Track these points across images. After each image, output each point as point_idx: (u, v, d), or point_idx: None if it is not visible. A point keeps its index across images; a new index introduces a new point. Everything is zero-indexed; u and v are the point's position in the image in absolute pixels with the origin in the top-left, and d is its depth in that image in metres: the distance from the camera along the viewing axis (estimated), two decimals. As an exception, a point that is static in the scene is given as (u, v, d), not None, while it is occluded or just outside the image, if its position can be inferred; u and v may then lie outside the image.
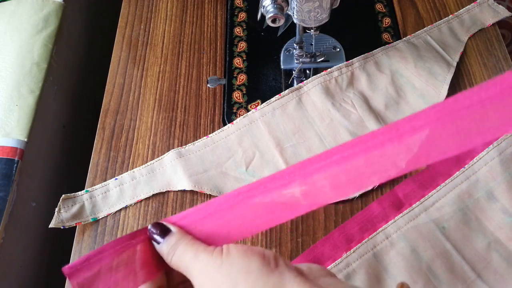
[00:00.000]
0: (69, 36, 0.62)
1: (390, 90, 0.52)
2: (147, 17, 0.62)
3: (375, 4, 0.62)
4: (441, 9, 0.60)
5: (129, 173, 0.49)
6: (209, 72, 0.57)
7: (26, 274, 0.50)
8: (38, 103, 0.53)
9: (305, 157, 0.48)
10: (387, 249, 0.42)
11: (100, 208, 0.47)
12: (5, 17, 0.58)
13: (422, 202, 0.44)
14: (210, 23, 0.61)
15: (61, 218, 0.46)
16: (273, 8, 0.44)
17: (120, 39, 0.60)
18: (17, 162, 0.48)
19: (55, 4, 0.60)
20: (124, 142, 0.52)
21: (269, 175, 0.29)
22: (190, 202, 0.47)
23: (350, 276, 0.41)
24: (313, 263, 0.42)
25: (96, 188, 0.48)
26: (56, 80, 0.57)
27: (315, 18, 0.46)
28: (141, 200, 0.48)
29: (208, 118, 0.53)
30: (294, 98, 0.52)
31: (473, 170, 0.45)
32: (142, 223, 0.46)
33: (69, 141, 0.61)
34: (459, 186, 0.45)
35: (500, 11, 0.59)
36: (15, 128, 0.50)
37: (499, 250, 0.42)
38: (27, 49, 0.55)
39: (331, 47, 0.57)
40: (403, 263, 0.41)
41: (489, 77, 0.54)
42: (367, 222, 0.44)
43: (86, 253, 0.45)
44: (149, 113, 0.53)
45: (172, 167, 0.48)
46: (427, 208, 0.44)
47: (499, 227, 0.42)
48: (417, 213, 0.44)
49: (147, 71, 0.57)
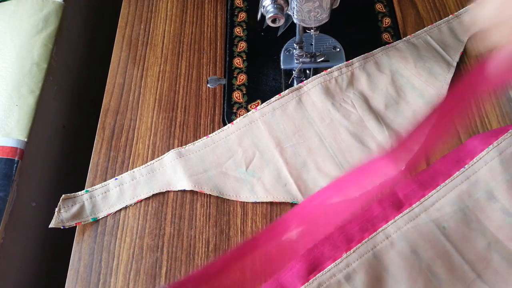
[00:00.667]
0: (69, 36, 0.62)
1: (390, 90, 0.52)
2: (147, 17, 0.62)
3: (375, 4, 0.62)
4: (441, 9, 0.60)
5: (129, 173, 0.49)
6: (209, 72, 0.57)
7: (26, 274, 0.50)
8: (38, 103, 0.53)
9: (305, 157, 0.49)
10: (387, 249, 0.42)
11: (100, 208, 0.47)
12: (5, 17, 0.58)
13: (422, 202, 0.44)
14: (210, 23, 0.61)
15: (61, 218, 0.46)
16: (273, 8, 0.45)
17: (120, 39, 0.60)
18: (17, 162, 0.48)
19: (55, 4, 0.60)
20: (124, 142, 0.52)
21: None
22: (190, 202, 0.47)
23: (350, 276, 0.41)
24: (313, 263, 0.42)
25: (96, 188, 0.48)
26: (56, 80, 0.57)
27: (315, 18, 0.46)
28: (141, 200, 0.48)
29: (208, 118, 0.53)
30: (294, 98, 0.52)
31: (473, 170, 0.45)
32: (142, 223, 0.46)
33: (69, 141, 0.61)
34: (459, 186, 0.45)
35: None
36: (15, 128, 0.50)
37: (499, 250, 0.42)
38: (27, 49, 0.55)
39: (331, 47, 0.57)
40: (403, 263, 0.41)
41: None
42: (367, 222, 0.44)
43: (86, 253, 0.45)
44: (149, 113, 0.53)
45: (172, 167, 0.49)
46: (427, 208, 0.44)
47: (499, 227, 0.42)
48: (417, 213, 0.44)
49: (147, 71, 0.57)
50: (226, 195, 0.47)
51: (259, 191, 0.47)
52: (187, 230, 0.46)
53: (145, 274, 0.44)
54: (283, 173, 0.48)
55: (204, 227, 0.46)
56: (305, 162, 0.48)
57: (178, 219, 0.47)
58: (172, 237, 0.46)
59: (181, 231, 0.46)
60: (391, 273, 0.41)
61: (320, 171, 0.48)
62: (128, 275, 0.44)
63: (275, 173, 0.48)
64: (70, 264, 0.45)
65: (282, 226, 0.38)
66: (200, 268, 0.37)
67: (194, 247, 0.45)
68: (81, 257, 0.45)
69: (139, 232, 0.46)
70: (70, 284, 0.44)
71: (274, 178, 0.47)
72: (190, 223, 0.46)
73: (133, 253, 0.45)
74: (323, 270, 0.41)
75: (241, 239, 0.45)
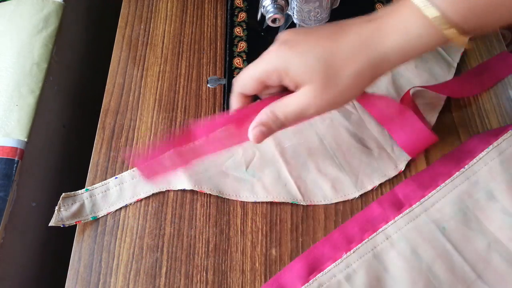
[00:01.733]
0: (69, 36, 0.62)
1: (391, 90, 0.52)
2: (147, 17, 0.62)
3: (375, 4, 0.62)
4: (442, 9, 0.60)
5: (129, 172, 0.49)
6: (209, 72, 0.57)
7: (26, 274, 0.50)
8: (38, 103, 0.53)
9: (305, 157, 0.49)
10: (387, 249, 0.42)
11: (100, 207, 0.47)
12: (5, 17, 0.58)
13: (422, 202, 0.44)
14: (210, 23, 0.61)
15: (61, 217, 0.46)
16: (273, 8, 0.45)
17: (120, 39, 0.60)
18: (17, 162, 0.48)
19: (55, 4, 0.60)
20: (124, 142, 0.52)
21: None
22: (190, 202, 0.47)
23: (350, 276, 0.41)
24: (313, 263, 0.42)
25: (96, 187, 0.48)
26: (56, 80, 0.57)
27: (315, 18, 0.46)
28: (141, 199, 0.48)
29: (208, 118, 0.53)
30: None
31: (473, 170, 0.45)
32: (142, 223, 0.46)
33: (69, 141, 0.61)
34: (459, 186, 0.44)
35: None
36: (15, 128, 0.50)
37: (499, 250, 0.42)
38: (27, 49, 0.55)
39: (331, 47, 0.57)
40: (403, 264, 0.41)
41: (490, 77, 0.54)
42: (367, 223, 0.44)
43: (86, 253, 0.45)
44: (149, 113, 0.53)
45: (172, 167, 0.48)
46: (427, 209, 0.44)
47: (499, 227, 0.42)
48: (417, 213, 0.44)
49: (147, 71, 0.57)
50: (226, 194, 0.47)
51: (259, 191, 0.47)
52: (187, 230, 0.46)
53: (145, 274, 0.44)
54: (283, 173, 0.48)
55: (204, 227, 0.46)
56: (305, 162, 0.48)
57: (178, 219, 0.47)
58: (172, 237, 0.46)
59: (181, 231, 0.46)
60: (391, 273, 0.41)
61: (320, 171, 0.48)
62: (128, 275, 0.44)
63: (275, 173, 0.48)
64: (70, 264, 0.45)
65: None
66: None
67: (194, 247, 0.45)
68: (81, 257, 0.45)
69: (139, 232, 0.46)
70: (70, 284, 0.44)
71: (274, 178, 0.47)
72: (190, 223, 0.46)
73: (133, 253, 0.45)
74: (323, 270, 0.41)
75: (241, 239, 0.45)
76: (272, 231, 0.46)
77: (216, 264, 0.44)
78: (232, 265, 0.44)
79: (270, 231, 0.46)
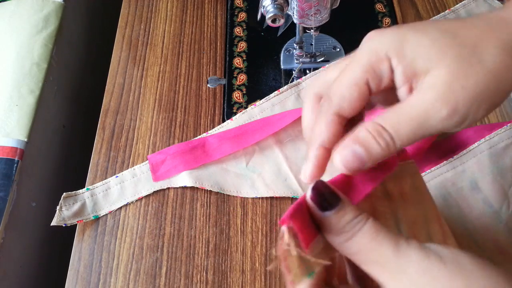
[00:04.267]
0: (69, 36, 0.62)
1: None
2: (147, 17, 0.62)
3: (375, 4, 0.62)
4: (441, 9, 0.60)
5: (129, 170, 0.49)
6: (209, 72, 0.57)
7: (26, 274, 0.50)
8: (38, 103, 0.53)
9: (304, 151, 0.49)
10: None
11: (101, 206, 0.47)
12: (5, 17, 0.58)
13: None
14: (210, 23, 0.61)
15: (63, 216, 0.46)
16: (273, 8, 0.45)
17: (120, 39, 0.60)
18: (17, 162, 0.48)
19: (55, 4, 0.60)
20: (124, 142, 0.52)
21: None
22: (190, 202, 0.47)
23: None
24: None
25: (97, 186, 0.48)
26: (56, 80, 0.57)
27: (315, 18, 0.46)
28: (142, 197, 0.48)
29: (208, 118, 0.53)
30: (292, 94, 0.52)
31: (460, 160, 0.46)
32: (142, 223, 0.46)
33: (69, 141, 0.61)
34: (444, 174, 0.45)
35: (496, 6, 0.58)
36: (15, 128, 0.50)
37: (476, 238, 0.42)
38: (27, 49, 0.55)
39: (331, 47, 0.57)
40: None
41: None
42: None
43: (86, 253, 0.45)
44: (149, 113, 0.53)
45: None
46: None
47: (478, 217, 0.43)
48: None
49: (147, 71, 0.57)
50: (227, 191, 0.47)
51: (260, 186, 0.47)
52: (187, 230, 0.46)
53: (145, 274, 0.44)
54: (283, 168, 0.48)
55: (204, 227, 0.46)
56: (304, 157, 0.48)
57: (178, 219, 0.47)
58: (172, 237, 0.46)
59: (181, 231, 0.46)
60: None
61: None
62: (128, 275, 0.44)
63: (275, 168, 0.48)
64: (70, 264, 0.45)
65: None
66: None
67: (194, 247, 0.45)
68: (81, 257, 0.45)
69: (139, 232, 0.46)
70: (70, 284, 0.44)
71: (274, 173, 0.48)
72: (190, 223, 0.46)
73: (133, 253, 0.45)
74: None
75: (241, 239, 0.45)
76: (272, 231, 0.46)
77: (216, 264, 0.44)
78: (232, 265, 0.44)
79: (270, 231, 0.46)
